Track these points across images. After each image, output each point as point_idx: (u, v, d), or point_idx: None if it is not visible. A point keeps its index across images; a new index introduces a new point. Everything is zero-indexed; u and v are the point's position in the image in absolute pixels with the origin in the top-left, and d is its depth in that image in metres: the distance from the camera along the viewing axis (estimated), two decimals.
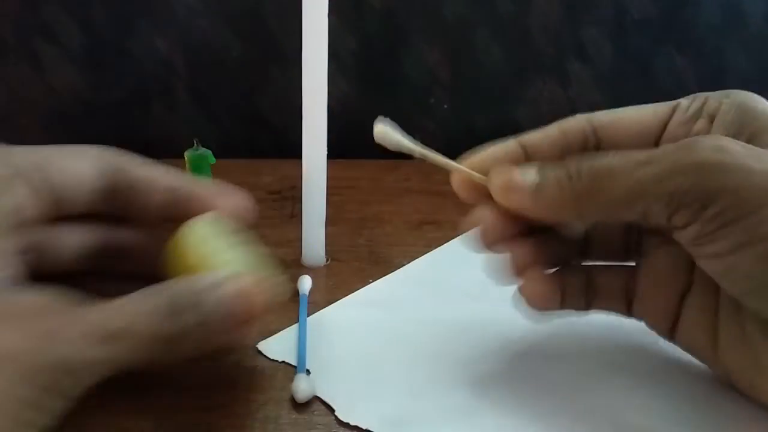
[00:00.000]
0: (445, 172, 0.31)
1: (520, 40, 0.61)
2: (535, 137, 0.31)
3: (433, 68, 0.62)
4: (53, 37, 0.59)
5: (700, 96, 0.29)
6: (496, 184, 0.29)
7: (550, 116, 0.31)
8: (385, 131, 0.31)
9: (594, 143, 0.30)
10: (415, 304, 0.37)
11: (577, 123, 0.31)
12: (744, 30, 0.63)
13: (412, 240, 0.46)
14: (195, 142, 0.39)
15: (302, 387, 0.30)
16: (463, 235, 0.30)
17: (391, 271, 0.41)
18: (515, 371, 0.32)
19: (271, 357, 0.33)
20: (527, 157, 0.30)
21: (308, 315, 0.36)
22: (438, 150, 0.30)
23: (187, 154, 0.39)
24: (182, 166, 0.39)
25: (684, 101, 0.30)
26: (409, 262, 0.42)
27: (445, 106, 0.63)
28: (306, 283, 0.39)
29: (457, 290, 0.39)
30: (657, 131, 0.30)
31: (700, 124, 0.28)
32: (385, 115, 0.29)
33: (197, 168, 0.39)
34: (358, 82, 0.61)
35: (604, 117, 0.31)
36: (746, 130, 0.27)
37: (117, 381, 0.31)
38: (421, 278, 0.40)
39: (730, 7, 0.62)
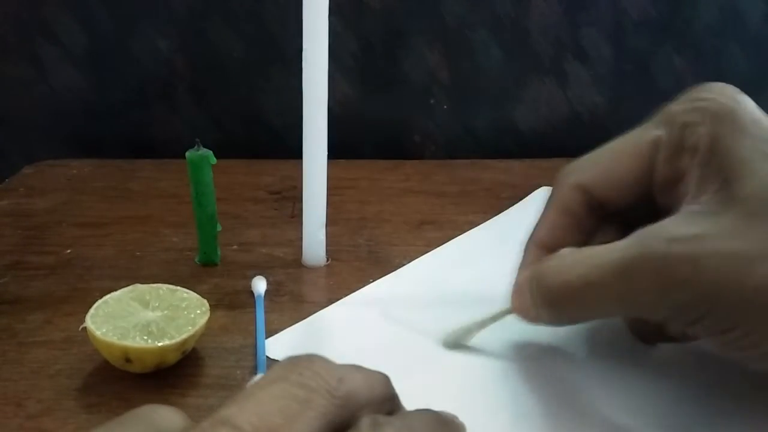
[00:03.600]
0: (445, 173, 0.31)
1: (519, 41, 0.61)
2: (544, 232, 0.31)
3: (432, 69, 0.62)
4: (53, 37, 0.59)
5: (677, 122, 0.29)
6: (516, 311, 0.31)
7: (549, 117, 0.31)
8: (453, 337, 0.33)
9: (597, 207, 0.31)
10: (415, 304, 0.37)
11: (571, 196, 0.31)
12: (742, 30, 0.63)
13: (412, 240, 0.46)
14: (196, 142, 0.39)
15: None
16: (463, 235, 0.30)
17: (391, 271, 0.41)
18: (514, 370, 0.32)
19: (272, 356, 0.33)
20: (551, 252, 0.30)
21: (309, 315, 0.37)
22: (438, 150, 0.30)
23: (188, 155, 0.39)
24: (183, 167, 0.39)
25: (663, 136, 0.29)
26: (408, 262, 0.42)
27: (445, 107, 0.63)
28: (260, 284, 0.38)
29: (457, 290, 0.39)
30: (647, 176, 0.30)
31: (685, 160, 0.28)
32: (385, 116, 0.29)
33: (198, 168, 0.39)
34: (358, 83, 0.62)
35: (591, 176, 0.31)
36: (720, 175, 0.26)
37: (121, 380, 0.31)
38: (420, 278, 0.41)
39: (728, 8, 0.62)
